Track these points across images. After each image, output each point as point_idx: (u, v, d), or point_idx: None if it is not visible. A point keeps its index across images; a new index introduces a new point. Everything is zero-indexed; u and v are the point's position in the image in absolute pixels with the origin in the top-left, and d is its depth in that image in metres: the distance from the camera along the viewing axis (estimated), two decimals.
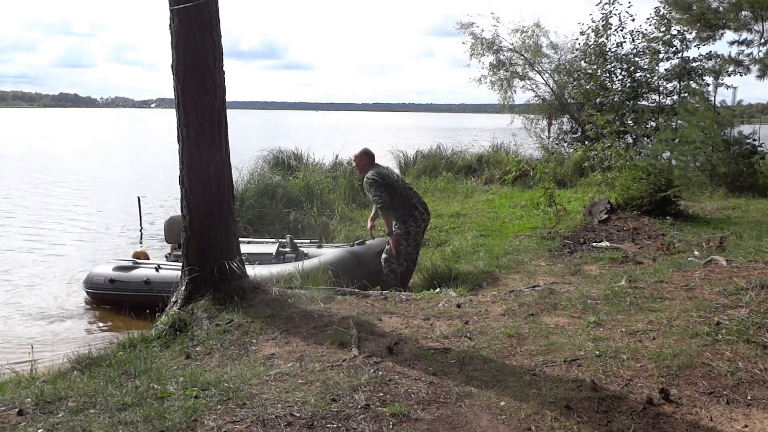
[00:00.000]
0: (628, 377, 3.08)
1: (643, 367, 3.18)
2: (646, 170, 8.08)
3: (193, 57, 4.47)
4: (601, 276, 5.29)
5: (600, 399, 2.86)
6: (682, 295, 4.31)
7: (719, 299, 4.09)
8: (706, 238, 6.35)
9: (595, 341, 3.56)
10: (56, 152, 29.27)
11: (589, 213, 8.00)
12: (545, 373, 3.20)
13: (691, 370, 3.12)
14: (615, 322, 3.87)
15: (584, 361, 3.30)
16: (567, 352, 3.43)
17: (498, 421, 2.73)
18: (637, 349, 3.39)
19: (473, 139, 17.32)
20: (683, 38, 13.51)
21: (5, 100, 72.32)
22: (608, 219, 7.57)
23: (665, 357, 3.25)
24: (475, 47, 17.00)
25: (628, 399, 2.86)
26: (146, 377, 3.38)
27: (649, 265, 5.48)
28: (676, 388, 2.95)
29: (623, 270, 5.38)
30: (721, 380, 3.01)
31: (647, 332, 3.63)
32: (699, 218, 7.66)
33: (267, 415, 2.79)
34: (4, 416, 2.95)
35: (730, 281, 4.40)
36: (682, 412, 2.75)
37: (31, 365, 4.06)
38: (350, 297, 4.75)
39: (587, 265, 5.77)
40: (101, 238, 10.40)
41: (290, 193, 9.54)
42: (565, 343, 3.56)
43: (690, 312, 3.89)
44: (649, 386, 2.98)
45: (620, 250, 6.16)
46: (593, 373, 3.14)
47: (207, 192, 4.62)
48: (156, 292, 5.36)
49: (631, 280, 4.80)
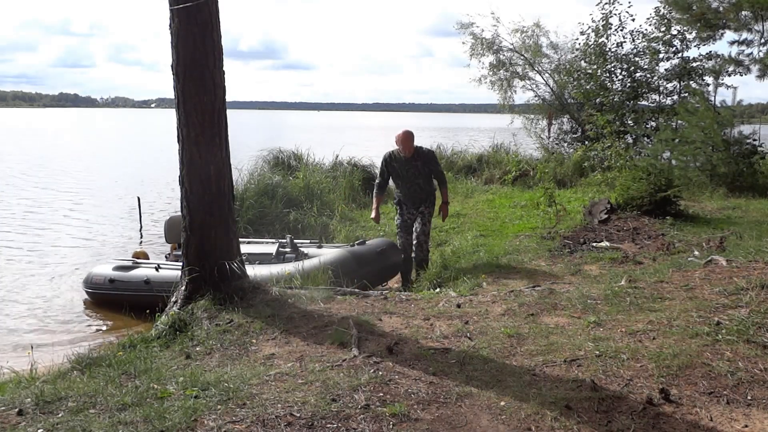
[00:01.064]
0: (628, 377, 3.08)
1: (643, 367, 3.18)
2: (646, 170, 8.08)
3: (193, 57, 4.47)
4: (601, 276, 5.29)
5: (600, 399, 2.86)
6: (682, 295, 4.31)
7: (719, 299, 4.09)
8: (706, 238, 6.35)
9: (595, 341, 3.56)
10: (56, 152, 29.27)
11: (588, 213, 8.00)
12: (545, 373, 3.20)
13: (691, 370, 3.12)
14: (615, 322, 3.87)
15: (584, 361, 3.30)
16: (567, 352, 3.43)
17: (498, 421, 2.73)
18: (637, 349, 3.39)
19: (473, 139, 17.30)
20: (683, 38, 13.50)
21: (5, 100, 72.25)
22: (608, 219, 7.57)
23: (665, 357, 3.25)
24: (474, 47, 16.99)
25: (628, 399, 2.86)
26: (146, 377, 3.38)
27: (649, 265, 5.48)
28: (676, 388, 2.95)
29: (623, 270, 5.38)
30: (722, 380, 3.01)
31: (647, 332, 3.63)
32: (699, 218, 7.66)
33: (267, 415, 2.79)
34: (4, 416, 2.95)
35: (730, 281, 4.40)
36: (682, 412, 2.75)
37: (31, 365, 4.05)
38: (350, 297, 4.75)
39: (587, 265, 5.77)
40: (101, 238, 10.40)
41: (290, 193, 9.55)
42: (565, 343, 3.56)
43: (690, 312, 3.89)
44: (649, 386, 2.98)
45: (620, 250, 6.16)
46: (593, 373, 3.14)
47: (207, 192, 4.62)
48: (156, 292, 5.36)
49: (631, 280, 4.80)
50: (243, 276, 4.77)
